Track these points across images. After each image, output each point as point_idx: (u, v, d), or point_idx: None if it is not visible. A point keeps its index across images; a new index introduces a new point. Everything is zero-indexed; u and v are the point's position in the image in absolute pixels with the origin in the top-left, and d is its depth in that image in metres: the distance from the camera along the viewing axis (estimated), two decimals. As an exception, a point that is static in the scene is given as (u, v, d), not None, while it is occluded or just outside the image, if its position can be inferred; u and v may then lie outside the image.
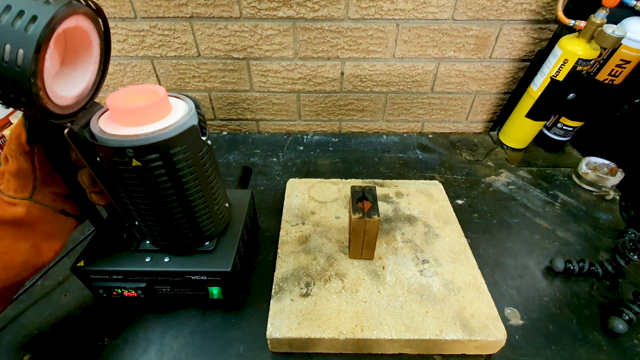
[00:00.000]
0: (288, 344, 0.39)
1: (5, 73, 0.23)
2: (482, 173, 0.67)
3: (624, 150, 0.67)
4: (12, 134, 0.31)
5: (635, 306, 0.42)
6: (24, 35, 0.23)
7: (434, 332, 0.38)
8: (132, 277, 0.39)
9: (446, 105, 0.77)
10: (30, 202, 0.33)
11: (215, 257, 0.40)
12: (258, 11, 0.63)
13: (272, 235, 0.53)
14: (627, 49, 0.56)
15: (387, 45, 0.67)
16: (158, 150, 0.30)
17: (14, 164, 0.31)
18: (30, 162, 0.32)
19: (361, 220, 0.41)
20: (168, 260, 0.39)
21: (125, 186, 0.33)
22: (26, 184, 0.32)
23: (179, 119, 0.31)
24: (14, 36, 0.23)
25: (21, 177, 0.32)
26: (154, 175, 0.31)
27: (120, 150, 0.29)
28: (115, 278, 0.39)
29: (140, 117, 0.30)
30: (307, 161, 0.70)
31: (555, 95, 0.63)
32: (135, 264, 0.39)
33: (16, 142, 0.31)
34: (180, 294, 0.41)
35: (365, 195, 0.43)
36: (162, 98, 0.31)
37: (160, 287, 0.41)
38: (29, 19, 0.23)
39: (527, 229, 0.56)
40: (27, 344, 0.40)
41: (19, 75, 0.24)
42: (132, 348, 0.40)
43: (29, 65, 0.23)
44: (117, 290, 0.40)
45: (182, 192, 0.34)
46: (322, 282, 0.43)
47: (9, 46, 0.23)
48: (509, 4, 0.62)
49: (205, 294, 0.41)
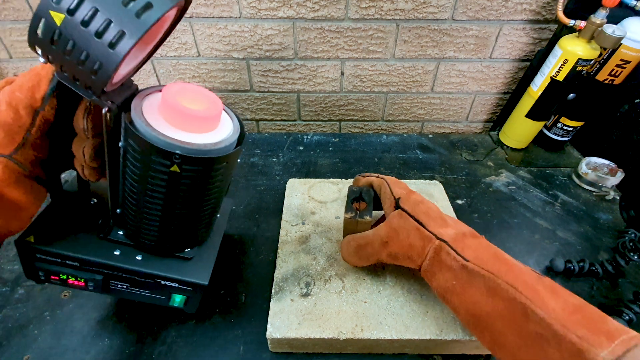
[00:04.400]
0: (288, 344, 0.39)
1: (86, 66, 0.22)
2: (482, 173, 0.67)
3: (624, 150, 0.67)
4: (24, 82, 0.27)
5: (636, 306, 0.42)
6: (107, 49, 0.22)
7: (434, 332, 0.38)
8: (90, 267, 0.34)
9: (446, 105, 0.77)
10: (8, 160, 0.28)
11: (192, 266, 0.37)
12: (258, 11, 0.63)
13: (272, 235, 0.53)
14: (627, 49, 0.56)
15: (387, 45, 0.67)
16: (204, 164, 0.29)
17: (8, 115, 0.27)
18: (32, 119, 0.28)
19: (352, 220, 0.41)
20: (140, 258, 0.35)
21: (143, 180, 0.29)
22: (13, 140, 0.28)
23: (228, 137, 0.30)
24: (100, 48, 0.22)
25: (11, 132, 0.27)
26: (182, 182, 0.30)
27: (167, 154, 0.27)
28: (68, 264, 0.34)
29: (197, 125, 0.29)
30: (307, 161, 0.70)
31: (555, 95, 0.63)
32: (101, 255, 0.34)
33: (27, 93, 0.27)
34: (135, 294, 0.37)
35: (362, 196, 0.43)
36: (221, 111, 0.30)
37: (118, 283, 0.36)
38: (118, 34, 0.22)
39: (527, 229, 0.56)
40: (27, 344, 0.40)
41: (100, 73, 0.22)
42: (132, 348, 0.40)
43: (113, 69, 0.22)
44: (61, 275, 0.34)
45: (197, 201, 0.33)
46: (322, 282, 0.43)
47: (95, 53, 0.22)
48: (509, 4, 0.62)
49: (166, 299, 0.38)
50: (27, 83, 0.27)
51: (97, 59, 0.22)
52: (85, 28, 0.21)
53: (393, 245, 0.38)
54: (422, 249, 0.36)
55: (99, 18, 0.21)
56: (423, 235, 0.36)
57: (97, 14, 0.21)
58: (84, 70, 0.22)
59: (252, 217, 0.56)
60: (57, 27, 0.20)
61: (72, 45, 0.21)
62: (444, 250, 0.34)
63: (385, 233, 0.38)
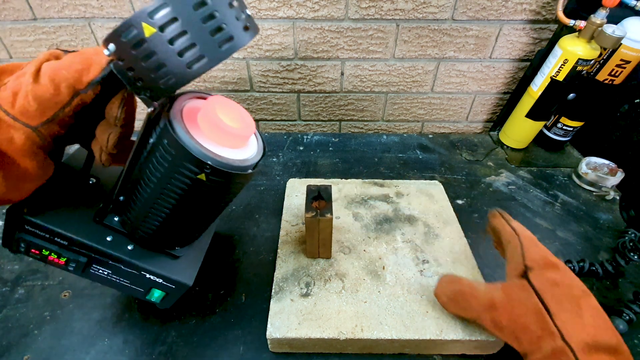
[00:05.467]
0: (288, 344, 0.39)
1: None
2: (482, 173, 0.67)
3: (624, 150, 0.67)
4: (73, 63, 0.27)
5: (636, 306, 0.42)
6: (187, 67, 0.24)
7: (434, 332, 0.38)
8: (78, 248, 0.34)
9: (446, 105, 0.77)
10: (32, 131, 0.27)
11: (179, 265, 0.38)
12: (258, 11, 0.63)
13: (272, 235, 0.53)
14: (627, 49, 0.56)
15: (387, 45, 0.67)
16: (229, 178, 0.30)
17: (48, 89, 0.26)
18: (70, 98, 0.27)
19: (314, 219, 0.40)
20: (131, 249, 0.35)
21: (163, 179, 0.30)
22: (44, 114, 0.27)
23: (252, 156, 0.32)
24: (178, 65, 0.23)
25: (46, 106, 0.27)
26: (202, 190, 0.30)
27: (200, 163, 0.28)
28: (56, 241, 0.33)
29: (231, 141, 0.30)
30: (307, 161, 0.70)
31: (555, 95, 0.63)
32: (94, 238, 0.34)
33: (74, 74, 0.26)
34: (114, 281, 0.37)
35: (321, 194, 0.42)
36: (253, 132, 0.32)
37: (100, 269, 0.36)
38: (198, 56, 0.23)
39: (527, 229, 0.56)
40: (27, 344, 0.40)
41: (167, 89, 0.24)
42: (132, 348, 0.40)
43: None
44: (44, 251, 0.33)
45: (208, 208, 0.34)
46: (322, 282, 0.43)
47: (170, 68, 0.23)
48: (509, 4, 0.62)
49: (144, 292, 0.38)
50: (76, 65, 0.27)
51: (172, 74, 0.23)
52: (170, 45, 0.22)
53: (502, 314, 0.32)
54: (538, 339, 0.30)
55: (184, 39, 0.22)
56: (545, 324, 0.30)
57: (184, 36, 0.22)
58: (154, 78, 0.24)
59: (252, 217, 0.56)
60: (145, 37, 0.22)
61: (153, 56, 0.23)
62: (565, 357, 0.28)
63: (498, 297, 0.33)
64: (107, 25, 0.64)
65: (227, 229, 0.54)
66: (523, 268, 0.33)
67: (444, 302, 0.38)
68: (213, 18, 0.23)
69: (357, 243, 0.48)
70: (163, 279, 0.36)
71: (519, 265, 0.34)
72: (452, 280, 0.38)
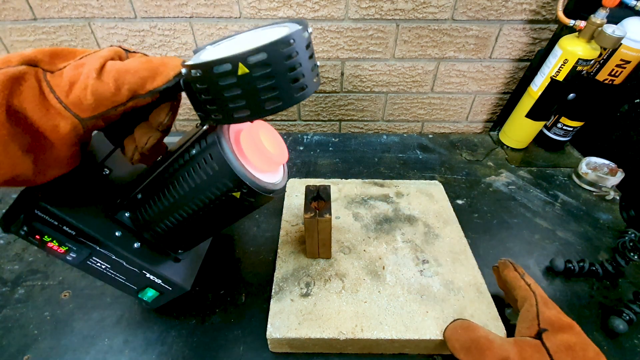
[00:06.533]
0: (288, 344, 0.39)
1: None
2: (482, 173, 0.67)
3: (624, 150, 0.67)
4: (139, 70, 0.27)
5: (636, 306, 0.42)
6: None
7: (434, 332, 0.38)
8: (85, 240, 0.33)
9: (446, 105, 0.77)
10: (80, 122, 0.27)
11: (179, 268, 0.38)
12: (258, 11, 0.63)
13: (272, 235, 0.53)
14: (627, 49, 0.56)
15: (387, 45, 0.67)
16: (258, 198, 0.32)
17: (109, 89, 0.26)
18: (127, 99, 0.28)
19: (313, 219, 0.40)
20: (138, 247, 0.35)
21: (195, 189, 0.31)
22: (97, 109, 0.27)
23: (280, 181, 0.35)
24: (255, 101, 0.25)
25: (101, 103, 0.27)
26: (229, 205, 0.32)
27: (239, 183, 0.29)
28: (63, 230, 0.32)
29: (267, 165, 0.32)
30: (307, 161, 0.70)
31: (555, 95, 0.63)
32: (103, 232, 0.34)
33: (138, 80, 0.27)
34: (110, 276, 0.36)
35: (320, 194, 0.43)
36: (287, 159, 0.34)
37: (101, 263, 0.35)
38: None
39: (527, 229, 0.56)
40: (27, 344, 0.40)
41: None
42: (132, 348, 0.40)
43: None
44: (46, 237, 0.32)
45: (227, 221, 0.35)
46: (322, 282, 0.43)
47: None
48: (509, 4, 0.62)
49: (137, 289, 0.38)
50: (142, 72, 0.27)
51: (249, 109, 0.25)
52: (255, 84, 0.25)
53: None
54: None
55: (269, 82, 0.25)
56: None
57: (269, 80, 0.24)
58: (231, 108, 0.26)
59: (252, 217, 0.56)
60: (236, 74, 0.24)
61: (237, 90, 0.25)
62: None
63: (513, 355, 0.32)
64: (107, 25, 0.65)
65: (227, 229, 0.54)
66: (537, 329, 0.34)
67: (454, 347, 0.36)
68: (296, 69, 0.25)
69: (357, 243, 0.48)
70: (163, 280, 0.36)
71: (533, 324, 0.34)
72: (467, 327, 0.37)
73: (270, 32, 0.28)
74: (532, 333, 0.34)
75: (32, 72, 0.26)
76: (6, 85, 0.24)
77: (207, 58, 0.25)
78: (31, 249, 0.51)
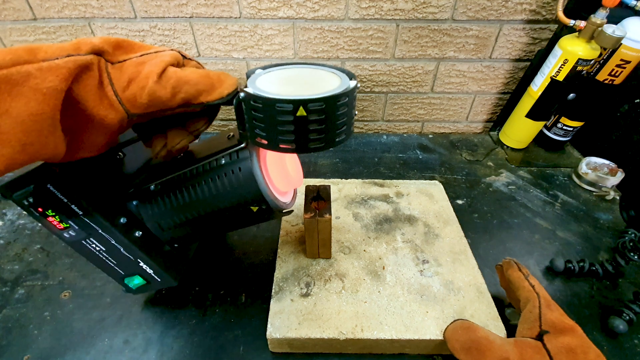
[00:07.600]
0: (288, 344, 0.39)
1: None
2: (482, 173, 0.67)
3: (624, 150, 0.67)
4: (198, 82, 0.28)
5: (636, 306, 0.42)
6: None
7: (434, 332, 0.38)
8: (89, 221, 0.33)
9: (446, 105, 0.77)
10: (127, 117, 0.28)
11: (172, 262, 0.39)
12: (258, 11, 0.63)
13: (272, 235, 0.53)
14: (627, 49, 0.56)
15: (387, 45, 0.67)
16: (272, 214, 0.35)
17: (165, 94, 0.27)
18: (178, 106, 0.29)
19: (313, 219, 0.40)
20: (139, 235, 0.36)
21: (217, 196, 0.33)
22: (147, 108, 0.28)
23: (290, 202, 0.38)
24: (301, 141, 0.29)
25: (154, 104, 0.28)
26: (243, 215, 0.34)
27: (261, 199, 0.32)
28: (71, 209, 0.32)
29: (286, 186, 0.35)
30: (307, 161, 0.70)
31: (555, 95, 0.63)
32: (109, 217, 0.34)
33: (194, 93, 0.28)
34: (102, 259, 0.36)
35: (320, 194, 0.43)
36: (302, 183, 0.37)
37: (97, 245, 0.35)
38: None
39: (527, 229, 0.56)
40: (27, 344, 0.40)
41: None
42: (132, 348, 0.40)
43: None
44: (49, 212, 0.31)
45: (234, 226, 0.37)
46: (322, 282, 0.43)
47: None
48: (509, 4, 0.62)
49: (124, 275, 0.38)
50: (200, 85, 0.29)
51: (294, 142, 0.28)
52: (306, 126, 0.27)
53: None
54: None
55: (318, 127, 0.27)
56: None
57: (320, 125, 0.27)
58: (278, 140, 0.28)
59: (252, 217, 0.57)
60: (294, 115, 0.26)
61: (289, 127, 0.27)
62: None
63: (513, 356, 0.33)
64: (107, 25, 0.65)
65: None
66: (539, 330, 0.34)
67: (455, 348, 0.36)
68: (342, 119, 0.28)
69: (357, 243, 0.48)
70: (154, 271, 0.37)
71: (535, 325, 0.34)
72: (468, 327, 0.37)
73: (324, 75, 0.30)
74: (534, 334, 0.34)
75: (97, 62, 0.26)
76: (73, 73, 0.25)
77: (264, 87, 0.28)
78: (31, 249, 0.51)
